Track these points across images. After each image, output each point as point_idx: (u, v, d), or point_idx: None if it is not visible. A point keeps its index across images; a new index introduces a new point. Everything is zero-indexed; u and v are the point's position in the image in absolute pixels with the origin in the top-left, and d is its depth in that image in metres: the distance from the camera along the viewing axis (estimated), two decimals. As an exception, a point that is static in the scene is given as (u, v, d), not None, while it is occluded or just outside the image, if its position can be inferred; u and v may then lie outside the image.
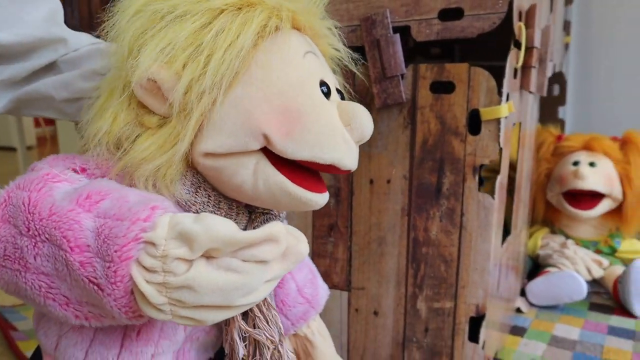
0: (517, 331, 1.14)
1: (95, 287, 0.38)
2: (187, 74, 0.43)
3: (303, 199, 0.47)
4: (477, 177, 0.78)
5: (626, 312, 1.21)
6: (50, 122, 2.48)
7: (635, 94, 1.90)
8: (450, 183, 0.80)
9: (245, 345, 0.53)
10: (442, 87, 0.79)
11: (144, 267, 0.37)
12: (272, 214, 0.53)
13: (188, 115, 0.43)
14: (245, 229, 0.50)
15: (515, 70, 0.84)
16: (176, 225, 0.36)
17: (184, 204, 0.47)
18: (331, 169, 0.47)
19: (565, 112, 1.92)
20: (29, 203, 0.40)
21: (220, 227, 0.35)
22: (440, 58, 1.30)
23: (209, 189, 0.48)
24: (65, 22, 0.67)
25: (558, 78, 1.78)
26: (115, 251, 0.36)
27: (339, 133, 0.47)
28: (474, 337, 0.82)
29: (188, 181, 0.47)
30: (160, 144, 0.44)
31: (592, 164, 1.32)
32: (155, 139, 0.45)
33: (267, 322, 0.52)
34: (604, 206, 1.32)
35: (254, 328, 0.51)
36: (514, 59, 0.80)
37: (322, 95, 0.48)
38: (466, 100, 0.77)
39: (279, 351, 0.53)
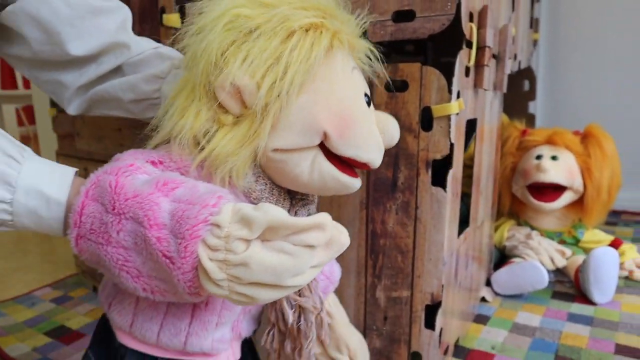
0: (481, 319, 1.19)
1: (167, 261, 0.43)
2: (268, 81, 0.50)
3: (348, 184, 0.57)
4: (429, 172, 0.82)
5: (587, 299, 1.26)
6: (34, 121, 2.50)
7: (603, 89, 1.95)
8: (405, 177, 0.83)
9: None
10: (396, 86, 0.82)
11: (209, 246, 0.42)
12: (308, 200, 0.61)
13: (265, 116, 0.51)
14: (288, 212, 0.57)
15: (468, 69, 0.87)
16: (239, 211, 0.42)
17: (246, 191, 0.55)
18: (364, 165, 0.57)
19: (536, 106, 1.97)
20: (115, 185, 0.46)
21: (276, 212, 0.41)
22: (414, 55, 1.34)
23: (265, 178, 0.56)
24: None
25: (528, 74, 1.82)
26: (187, 229, 0.42)
27: (376, 140, 0.57)
28: (430, 324, 0.86)
29: (251, 172, 0.55)
30: (238, 139, 0.52)
31: (554, 158, 1.37)
32: (232, 134, 0.52)
33: (311, 291, 0.61)
34: (565, 198, 1.37)
35: (301, 297, 0.60)
36: (464, 58, 0.84)
37: (366, 105, 0.57)
38: (419, 98, 0.81)
39: (320, 316, 0.62)
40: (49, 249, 1.92)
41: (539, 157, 1.38)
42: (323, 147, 0.54)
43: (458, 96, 0.82)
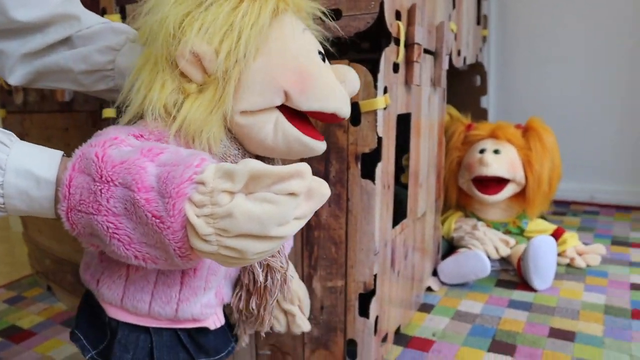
0: (426, 308, 1.23)
1: (157, 221, 0.45)
2: (225, 48, 0.54)
3: (311, 146, 0.60)
4: (359, 165, 0.85)
5: (528, 286, 1.31)
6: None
7: (551, 83, 2.01)
8: (336, 171, 0.86)
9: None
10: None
11: (195, 203, 0.44)
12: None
13: (227, 81, 0.55)
14: None
15: (397, 65, 0.90)
16: (221, 167, 0.44)
17: (222, 157, 0.58)
18: (333, 117, 0.60)
19: (488, 101, 2.02)
20: (103, 155, 0.48)
21: (256, 163, 0.43)
22: (369, 52, 1.37)
23: (237, 143, 0.60)
24: None
25: (479, 69, 1.87)
26: (173, 188, 0.44)
27: (337, 88, 0.60)
28: (364, 312, 0.89)
29: (225, 137, 0.58)
30: (205, 106, 0.55)
31: (496, 151, 1.41)
32: (199, 102, 0.55)
33: (279, 252, 0.64)
34: (508, 190, 1.42)
35: (271, 257, 0.63)
36: (391, 55, 0.87)
37: (321, 61, 0.61)
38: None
39: (286, 274, 0.66)
40: (7, 250, 1.91)
41: (482, 151, 1.42)
42: (285, 110, 0.58)
43: (385, 91, 0.85)
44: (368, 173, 0.85)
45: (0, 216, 0.52)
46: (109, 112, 1.00)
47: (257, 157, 0.62)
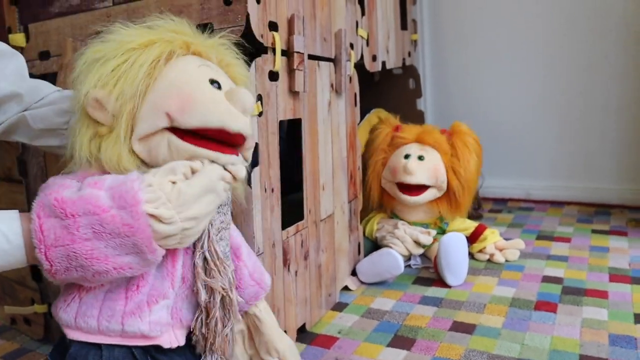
0: (339, 307, 1.26)
1: (127, 227, 0.57)
2: (116, 90, 0.64)
3: (212, 157, 0.66)
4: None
5: (444, 283, 1.34)
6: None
7: (487, 82, 2.07)
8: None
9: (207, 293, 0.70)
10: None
11: (150, 202, 0.57)
12: None
13: (122, 118, 0.63)
14: None
15: (274, 73, 0.94)
16: (159, 169, 0.62)
17: None
18: (223, 133, 0.66)
19: (424, 104, 2.07)
20: (60, 198, 0.58)
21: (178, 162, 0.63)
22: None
23: (152, 167, 0.67)
24: None
25: (412, 72, 1.91)
26: (130, 199, 0.57)
27: (222, 106, 0.66)
28: (251, 311, 0.92)
29: (139, 164, 0.66)
30: (114, 143, 0.64)
31: (420, 158, 1.45)
32: (110, 141, 0.64)
33: (219, 273, 0.70)
34: (429, 194, 1.46)
35: (211, 278, 0.69)
36: (265, 65, 0.91)
37: (211, 86, 0.67)
38: (222, 103, 0.88)
39: (229, 296, 0.71)
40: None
41: (407, 157, 1.46)
42: (176, 131, 0.65)
43: (259, 99, 0.89)
44: (246, 178, 0.89)
45: None
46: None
47: None
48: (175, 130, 0.64)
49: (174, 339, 0.70)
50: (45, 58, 1.08)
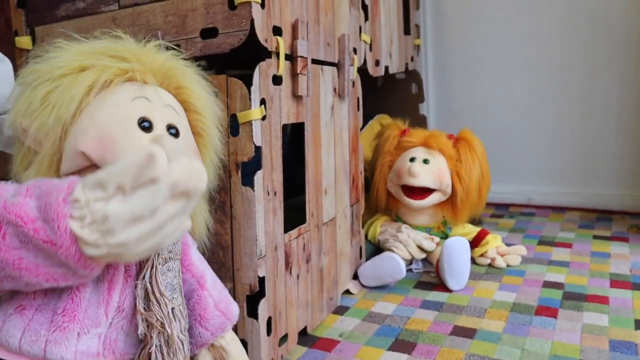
0: (341, 310, 1.27)
1: (49, 244, 0.51)
2: (39, 119, 0.61)
3: None
4: (240, 173, 0.89)
5: (445, 287, 1.35)
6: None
7: (490, 88, 2.07)
8: (220, 179, 0.91)
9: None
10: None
11: (77, 218, 0.50)
12: None
13: (44, 149, 0.62)
14: None
15: (278, 77, 0.95)
16: (89, 180, 0.51)
17: None
18: None
19: (427, 108, 2.08)
20: None
21: (115, 165, 0.50)
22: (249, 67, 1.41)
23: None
24: None
25: (415, 77, 1.92)
26: (53, 212, 0.50)
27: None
28: (253, 313, 0.93)
29: None
30: (37, 169, 0.63)
31: (425, 161, 1.45)
32: (36, 169, 0.63)
33: (159, 306, 0.66)
34: (433, 198, 1.46)
35: (148, 311, 0.65)
36: (269, 69, 0.92)
37: (138, 128, 0.63)
38: (226, 106, 0.89)
39: (166, 330, 0.66)
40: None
41: (412, 160, 1.46)
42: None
43: (263, 103, 0.90)
44: (249, 181, 0.90)
45: None
46: None
47: None
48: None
49: None
50: (51, 61, 1.09)
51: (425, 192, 1.46)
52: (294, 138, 1.49)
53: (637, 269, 1.41)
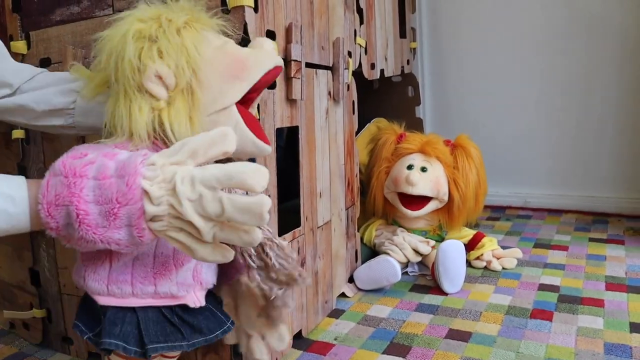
0: (336, 313, 1.27)
1: (120, 194, 0.56)
2: (181, 64, 0.67)
3: (261, 148, 0.73)
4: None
5: (441, 290, 1.35)
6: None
7: (486, 92, 2.08)
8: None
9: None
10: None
11: (148, 178, 0.57)
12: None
13: (193, 90, 0.67)
14: None
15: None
16: (164, 150, 0.60)
17: None
18: (273, 75, 0.74)
19: (423, 111, 2.08)
20: (67, 162, 0.59)
21: (190, 139, 0.58)
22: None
23: None
24: None
25: (411, 80, 1.92)
26: (129, 170, 0.57)
27: (262, 51, 0.76)
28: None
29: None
30: (182, 113, 0.67)
31: (423, 169, 1.45)
32: (174, 112, 0.67)
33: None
34: (431, 206, 1.47)
35: None
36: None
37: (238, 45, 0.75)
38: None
39: (275, 242, 0.75)
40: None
41: (410, 167, 1.46)
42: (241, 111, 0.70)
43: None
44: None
45: None
46: (17, 134, 1.08)
47: None
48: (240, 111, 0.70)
49: (196, 299, 0.74)
50: (46, 65, 1.09)
51: (422, 200, 1.46)
52: (289, 141, 1.49)
53: (633, 272, 1.41)
